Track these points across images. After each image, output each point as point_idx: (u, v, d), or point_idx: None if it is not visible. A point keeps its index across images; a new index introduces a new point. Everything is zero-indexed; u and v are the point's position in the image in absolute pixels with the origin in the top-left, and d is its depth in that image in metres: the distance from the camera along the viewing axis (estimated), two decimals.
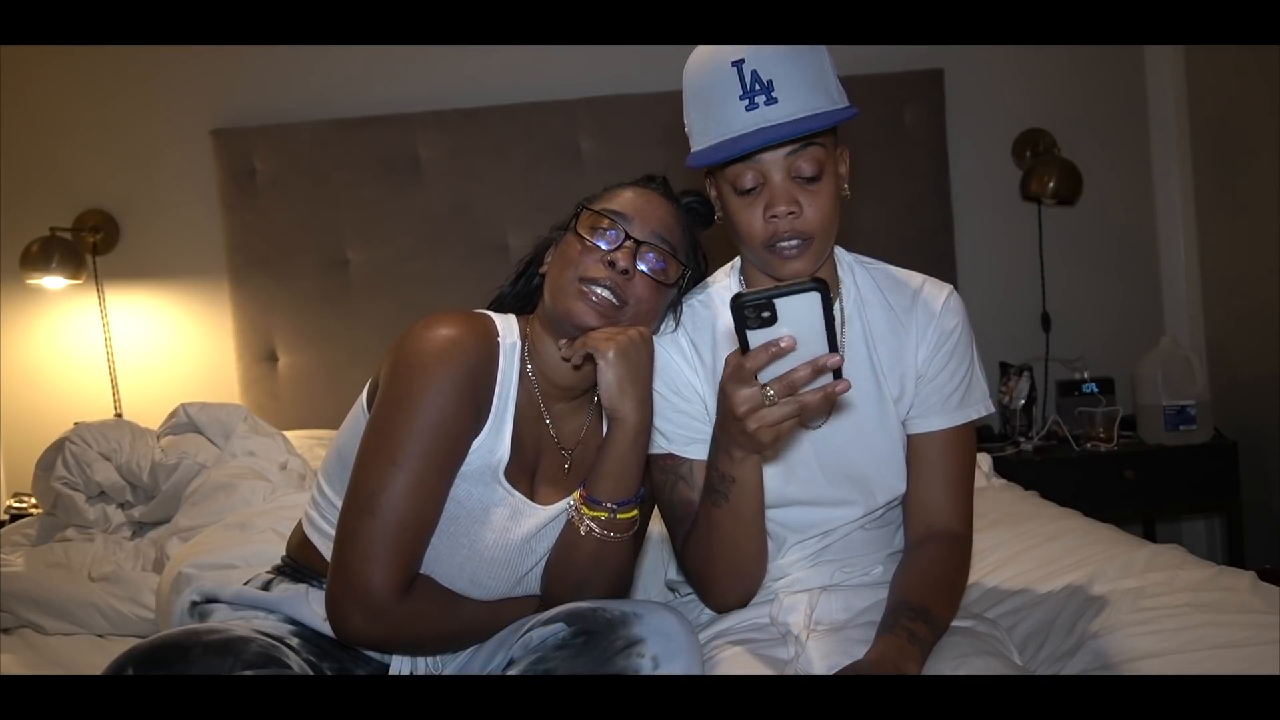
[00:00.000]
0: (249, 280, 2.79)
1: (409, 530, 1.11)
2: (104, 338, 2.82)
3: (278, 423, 2.52)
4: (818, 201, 1.17)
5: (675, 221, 1.25)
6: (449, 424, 1.13)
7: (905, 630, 1.13)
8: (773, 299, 0.97)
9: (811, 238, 1.17)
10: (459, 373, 1.14)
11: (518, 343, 1.24)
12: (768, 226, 1.17)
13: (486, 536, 1.20)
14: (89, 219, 2.81)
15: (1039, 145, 2.92)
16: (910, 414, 1.29)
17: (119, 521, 2.20)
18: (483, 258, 2.78)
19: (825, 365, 0.98)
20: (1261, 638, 1.25)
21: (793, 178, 1.16)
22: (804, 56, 1.13)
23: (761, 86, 1.11)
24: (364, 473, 1.13)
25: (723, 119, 1.14)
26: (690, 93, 1.19)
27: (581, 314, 1.18)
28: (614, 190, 1.27)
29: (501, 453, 1.20)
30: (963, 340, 1.29)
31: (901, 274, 1.33)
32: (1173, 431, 2.69)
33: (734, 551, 1.21)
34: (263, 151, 2.77)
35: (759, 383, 1.01)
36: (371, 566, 1.09)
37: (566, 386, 1.26)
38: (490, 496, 1.20)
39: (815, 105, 1.13)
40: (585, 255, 1.20)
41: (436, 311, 1.20)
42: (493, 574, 1.22)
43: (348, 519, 1.12)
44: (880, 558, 1.32)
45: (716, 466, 1.14)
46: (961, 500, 1.28)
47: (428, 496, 1.13)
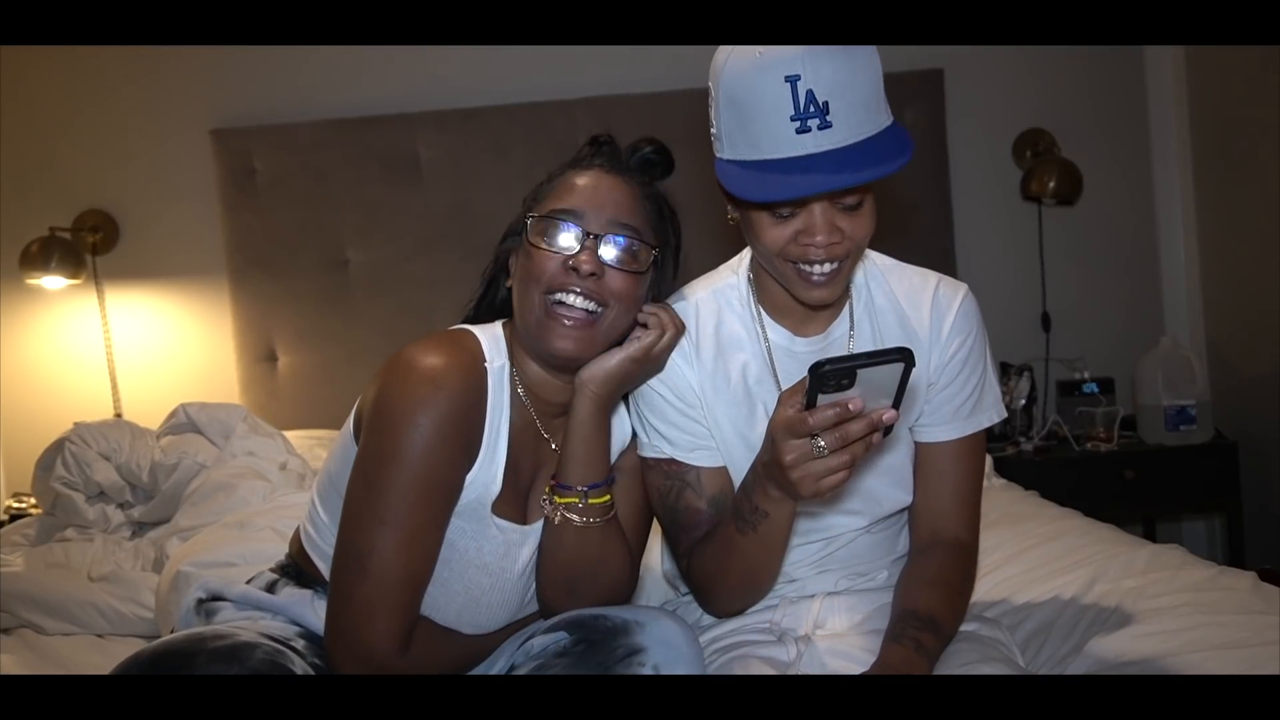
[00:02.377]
0: (249, 280, 2.79)
1: (404, 588, 1.07)
2: (104, 338, 2.82)
3: (277, 423, 2.52)
4: (860, 224, 1.10)
5: (632, 198, 1.16)
6: (438, 473, 1.08)
7: (913, 640, 1.11)
8: (856, 369, 0.93)
9: (845, 258, 1.11)
10: (444, 415, 1.07)
11: (506, 364, 1.17)
12: (801, 249, 1.09)
13: (483, 582, 1.16)
14: (88, 219, 2.81)
15: (1039, 145, 2.92)
16: (920, 422, 1.25)
17: (119, 521, 2.20)
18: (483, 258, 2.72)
19: (882, 422, 0.96)
20: (1261, 638, 1.25)
21: (835, 206, 1.09)
22: (862, 74, 1.04)
23: (816, 108, 1.01)
24: (354, 531, 1.08)
25: (766, 136, 1.04)
26: (729, 99, 1.07)
27: (555, 341, 1.11)
28: (560, 180, 1.18)
29: (495, 485, 1.15)
30: (976, 347, 1.24)
31: (915, 275, 1.27)
32: (1173, 431, 2.69)
33: (752, 573, 1.19)
34: (263, 151, 2.77)
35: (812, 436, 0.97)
36: (369, 628, 1.06)
37: (560, 402, 1.20)
38: (482, 535, 1.16)
39: (868, 128, 1.05)
40: (545, 264, 1.12)
41: (420, 340, 1.12)
42: (492, 616, 1.19)
43: (341, 578, 1.08)
44: (885, 563, 1.30)
45: (751, 498, 1.10)
46: (970, 510, 1.26)
47: (420, 551, 1.09)
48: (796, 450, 0.98)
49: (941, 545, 1.23)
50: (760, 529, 1.11)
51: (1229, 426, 2.80)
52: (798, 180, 1.02)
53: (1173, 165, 2.98)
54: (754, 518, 1.11)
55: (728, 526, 1.15)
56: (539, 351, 1.16)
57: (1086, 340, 2.98)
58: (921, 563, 1.23)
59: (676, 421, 1.22)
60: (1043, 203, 2.89)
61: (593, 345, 1.13)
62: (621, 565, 1.21)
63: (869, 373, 0.93)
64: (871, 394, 0.95)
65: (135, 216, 2.86)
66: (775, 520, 1.10)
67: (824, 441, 0.97)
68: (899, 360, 0.93)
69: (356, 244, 2.81)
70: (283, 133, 2.77)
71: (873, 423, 0.96)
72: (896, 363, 0.93)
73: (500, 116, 2.78)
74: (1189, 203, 2.97)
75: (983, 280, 2.92)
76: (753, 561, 1.16)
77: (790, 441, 0.98)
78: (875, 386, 0.94)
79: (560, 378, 1.19)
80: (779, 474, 1.01)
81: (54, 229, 2.70)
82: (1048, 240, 2.94)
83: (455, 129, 2.79)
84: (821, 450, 0.97)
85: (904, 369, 0.94)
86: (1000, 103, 2.96)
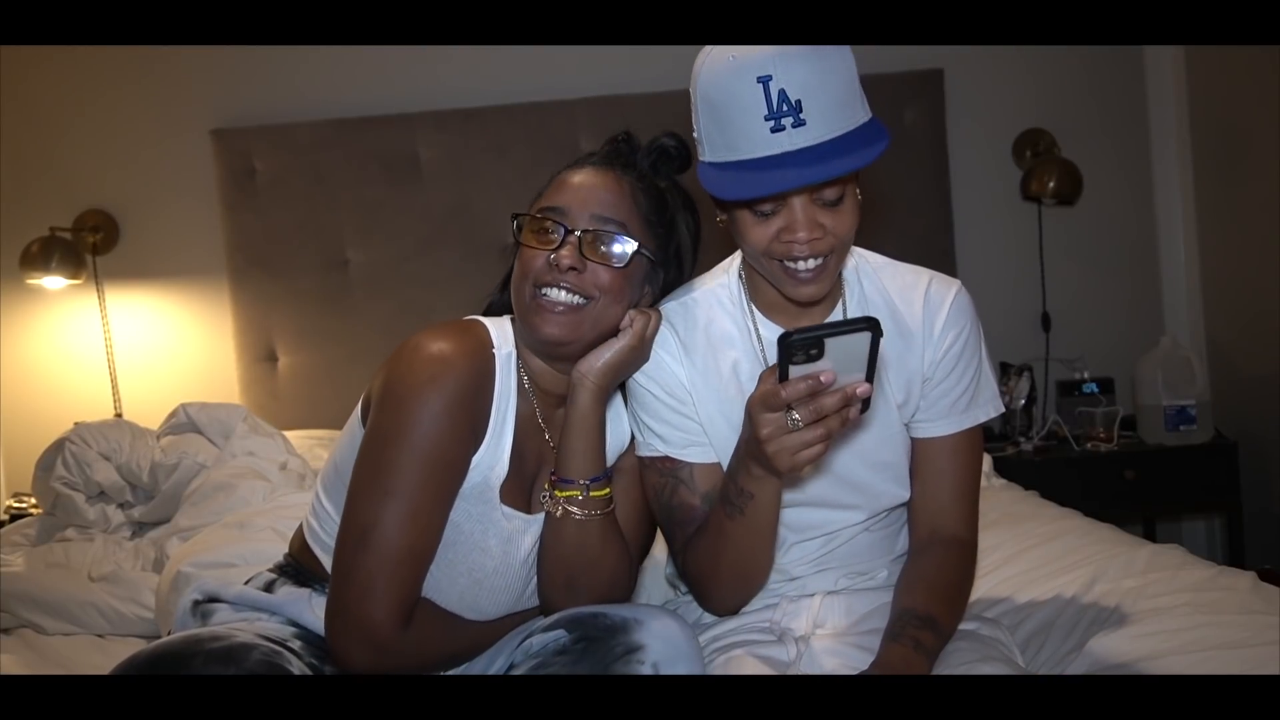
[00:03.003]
0: (249, 280, 2.79)
1: (407, 563, 1.08)
2: (104, 338, 2.82)
3: (277, 423, 2.52)
4: (841, 220, 1.11)
5: (622, 194, 1.18)
6: (445, 450, 1.10)
7: (912, 639, 1.12)
8: (824, 339, 0.94)
9: (830, 254, 1.12)
10: (451, 395, 1.10)
11: (513, 352, 1.20)
12: (785, 247, 1.11)
13: (486, 565, 1.18)
14: (89, 219, 2.81)
15: (1039, 145, 2.92)
16: (916, 418, 1.25)
17: (119, 521, 2.20)
18: (483, 258, 2.77)
19: (855, 395, 0.97)
20: (1261, 638, 1.25)
21: (815, 202, 1.10)
22: (834, 72, 1.05)
23: (789, 107, 1.03)
24: (358, 505, 1.10)
25: (742, 138, 1.06)
26: (706, 102, 1.10)
27: (542, 327, 1.14)
28: (556, 178, 1.22)
29: (500, 469, 1.17)
30: (970, 341, 1.25)
31: (908, 273, 1.28)
32: (1173, 431, 2.69)
33: (743, 562, 1.19)
34: (263, 151, 2.77)
35: (787, 409, 0.99)
36: (371, 602, 1.06)
37: (559, 393, 1.22)
38: (488, 519, 1.17)
39: (843, 125, 1.06)
40: (532, 261, 1.16)
41: (429, 327, 1.16)
42: (495, 600, 1.20)
43: (343, 553, 1.09)
44: (885, 562, 1.30)
45: (736, 480, 1.12)
46: (968, 506, 1.26)
47: (425, 527, 1.10)
48: (772, 424, 1.00)
49: (940, 543, 1.24)
50: (748, 512, 1.12)
51: (1229, 426, 2.80)
52: (773, 177, 1.05)
53: (1173, 165, 2.98)
54: (740, 500, 1.12)
55: (717, 514, 1.17)
56: (531, 340, 1.19)
57: (1086, 340, 2.98)
58: (920, 561, 1.24)
59: (669, 419, 1.23)
60: (1043, 203, 2.89)
61: (579, 329, 1.15)
62: (620, 562, 1.22)
63: (837, 343, 0.94)
64: (843, 366, 0.96)
65: (135, 216, 2.86)
66: (761, 501, 1.11)
67: (798, 414, 0.98)
68: (866, 329, 0.94)
69: (356, 244, 2.81)
70: (283, 133, 2.77)
71: (846, 396, 0.97)
72: (864, 332, 0.94)
73: (500, 116, 2.78)
74: (1189, 203, 2.97)
75: (983, 280, 2.93)
76: (743, 548, 1.17)
77: (765, 415, 1.00)
78: (846, 358, 0.95)
79: (558, 367, 1.21)
80: (757, 449, 1.03)
81: (54, 229, 2.70)
82: (1048, 240, 2.94)
83: (455, 129, 2.79)
84: (796, 423, 0.99)
85: (872, 339, 0.95)
86: (1000, 103, 2.96)
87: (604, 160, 1.22)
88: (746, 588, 1.25)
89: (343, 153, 2.78)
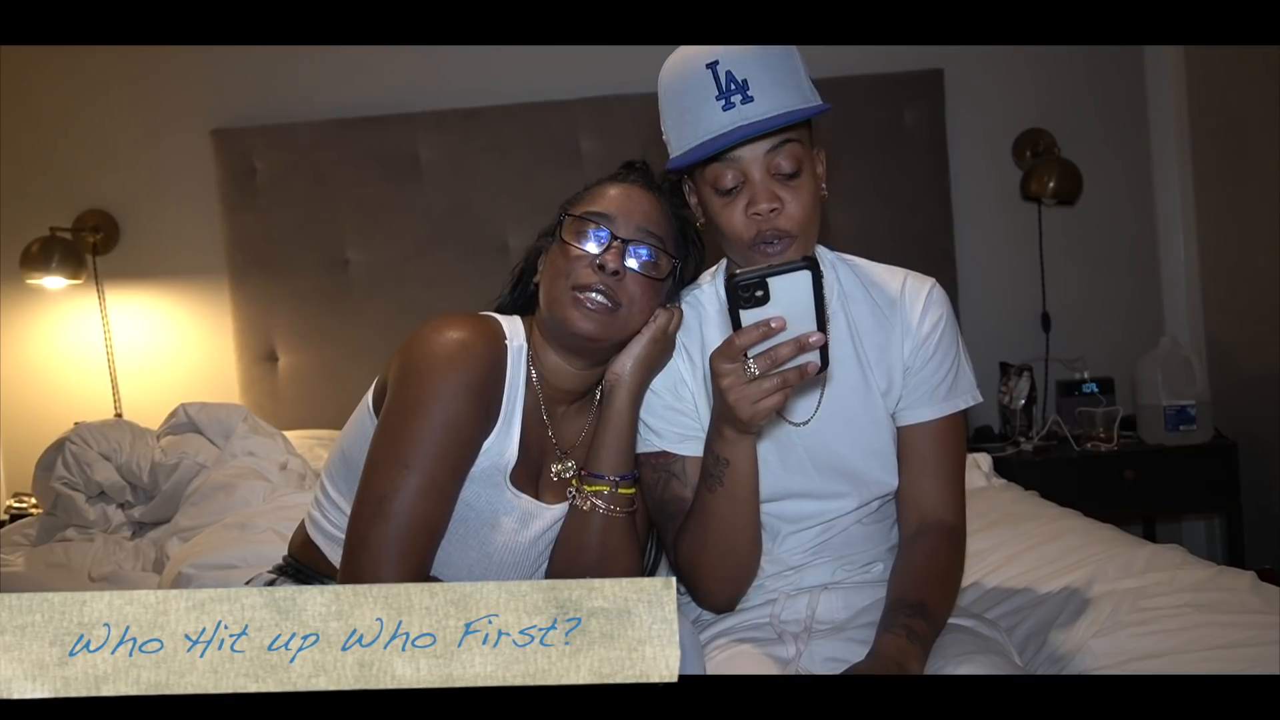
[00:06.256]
0: (249, 280, 2.79)
1: (421, 533, 1.11)
2: (104, 338, 2.82)
3: (278, 423, 2.52)
4: (799, 197, 1.18)
5: (660, 213, 1.25)
6: (461, 426, 1.13)
7: (904, 628, 1.13)
8: (765, 278, 1.00)
9: (794, 236, 1.18)
10: (470, 375, 1.14)
11: (524, 346, 1.24)
12: (750, 224, 1.18)
13: (496, 540, 1.21)
14: (89, 219, 2.81)
15: (1039, 145, 2.92)
16: (899, 406, 1.30)
17: (119, 521, 2.20)
18: (483, 258, 2.78)
19: (808, 343, 1.01)
20: (1261, 638, 1.25)
21: (773, 175, 1.17)
22: (776, 56, 1.15)
23: (737, 86, 1.13)
24: (375, 476, 1.12)
25: (700, 121, 1.15)
26: (666, 99, 1.20)
27: (577, 322, 1.18)
28: (595, 189, 1.27)
29: (510, 455, 1.20)
30: (947, 331, 1.30)
31: (883, 270, 1.34)
32: (1173, 432, 2.69)
33: (728, 537, 1.21)
34: (263, 151, 2.77)
35: (744, 359, 1.03)
36: (384, 570, 1.08)
37: (569, 390, 1.27)
38: (498, 499, 1.20)
39: (790, 103, 1.14)
40: (575, 262, 1.20)
41: (443, 314, 1.20)
42: (502, 577, 1.22)
43: (358, 523, 1.12)
44: (879, 553, 1.33)
45: (711, 449, 1.16)
46: (953, 490, 1.29)
47: (439, 499, 1.13)
48: (730, 374, 1.05)
49: (928, 530, 1.26)
50: (726, 481, 1.16)
51: (1229, 426, 2.80)
52: (727, 138, 1.13)
53: (1173, 165, 2.98)
54: (718, 469, 1.16)
55: (700, 492, 1.20)
56: (562, 334, 1.21)
57: (1086, 340, 2.98)
58: (910, 551, 1.26)
59: (663, 414, 1.28)
60: (1043, 203, 2.89)
61: (609, 329, 1.20)
62: (633, 564, 1.25)
63: (781, 283, 1.00)
64: (792, 315, 1.01)
65: (135, 216, 2.86)
66: (737, 468, 1.15)
67: (754, 365, 1.03)
68: (805, 268, 1.00)
69: (356, 244, 2.81)
70: (283, 133, 2.77)
71: (800, 344, 1.01)
72: (803, 270, 1.00)
73: (500, 116, 2.79)
74: (1189, 203, 2.96)
75: (983, 280, 2.93)
76: (727, 521, 1.19)
77: (724, 365, 1.05)
78: (792, 304, 1.01)
79: (576, 364, 1.25)
80: (721, 404, 1.07)
81: (54, 229, 2.70)
82: (1048, 240, 2.94)
83: (455, 129, 2.79)
84: (753, 372, 1.03)
85: (812, 278, 1.00)
86: (1000, 103, 2.96)
87: (643, 180, 1.28)
88: (735, 572, 1.26)
89: (343, 153, 2.78)
